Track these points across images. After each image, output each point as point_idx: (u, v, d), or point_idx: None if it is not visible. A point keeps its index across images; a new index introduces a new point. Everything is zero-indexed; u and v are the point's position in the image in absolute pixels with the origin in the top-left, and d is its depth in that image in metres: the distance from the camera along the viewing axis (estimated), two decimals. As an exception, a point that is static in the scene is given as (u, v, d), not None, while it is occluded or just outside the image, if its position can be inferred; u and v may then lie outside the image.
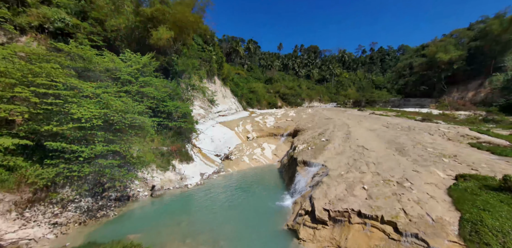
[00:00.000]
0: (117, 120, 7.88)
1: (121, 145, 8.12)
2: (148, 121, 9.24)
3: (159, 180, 11.02)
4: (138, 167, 9.53)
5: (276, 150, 22.79)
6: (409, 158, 9.46)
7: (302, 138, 18.13)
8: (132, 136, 8.94)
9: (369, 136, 15.59)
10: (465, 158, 9.09)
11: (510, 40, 34.73)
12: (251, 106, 48.40)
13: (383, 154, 10.48)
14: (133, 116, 8.26)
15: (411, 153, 10.08)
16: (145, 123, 8.87)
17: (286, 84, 64.88)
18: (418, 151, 10.41)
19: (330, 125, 22.76)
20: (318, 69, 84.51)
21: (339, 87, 72.75)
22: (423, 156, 9.56)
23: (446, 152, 10.18)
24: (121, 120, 7.92)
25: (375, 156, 10.17)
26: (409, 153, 10.10)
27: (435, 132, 15.35)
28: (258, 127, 28.78)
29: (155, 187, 10.27)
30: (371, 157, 10.22)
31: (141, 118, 8.93)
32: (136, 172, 9.96)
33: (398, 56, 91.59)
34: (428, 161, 8.86)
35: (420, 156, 9.61)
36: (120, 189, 8.98)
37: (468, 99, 38.25)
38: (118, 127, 7.88)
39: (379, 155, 10.21)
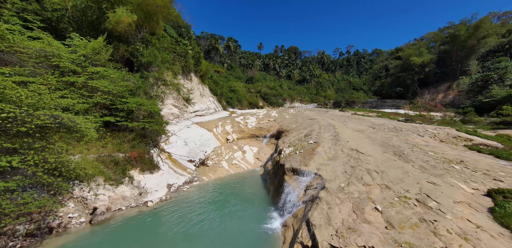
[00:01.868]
0: (21, 118, 5.16)
1: (28, 157, 5.34)
2: (82, 121, 6.59)
3: (107, 198, 8.30)
4: (64, 188, 6.74)
5: (259, 153, 20.85)
6: (414, 164, 8.15)
7: (287, 140, 16.42)
8: (52, 141, 6.18)
9: (359, 138, 14.37)
10: (474, 164, 8.05)
11: (474, 45, 37.25)
12: (231, 106, 46.01)
13: (382, 159, 9.08)
14: (50, 113, 5.59)
15: (413, 158, 8.85)
16: (75, 123, 6.21)
17: (267, 84, 63.56)
18: (420, 155, 9.23)
19: (315, 126, 21.49)
20: (298, 70, 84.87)
21: (319, 88, 73.58)
22: (428, 162, 8.33)
23: (447, 156, 9.14)
24: (24, 119, 5.17)
25: (375, 162, 8.72)
26: (410, 158, 8.85)
27: (424, 133, 14.66)
28: (238, 127, 26.61)
29: (97, 210, 7.55)
30: (370, 163, 8.74)
31: (70, 116, 6.23)
32: (60, 194, 7.07)
33: (372, 59, 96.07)
34: (438, 169, 7.59)
35: (425, 161, 8.37)
36: (35, 218, 6.17)
37: (439, 101, 40.33)
38: (23, 129, 5.15)
39: (379, 161, 8.78)
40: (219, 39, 72.16)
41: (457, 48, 39.04)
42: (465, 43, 37.92)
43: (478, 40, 36.42)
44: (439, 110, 37.16)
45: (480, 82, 35.22)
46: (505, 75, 32.53)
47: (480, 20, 35.54)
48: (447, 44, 41.46)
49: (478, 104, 32.69)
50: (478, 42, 36.47)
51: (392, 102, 46.12)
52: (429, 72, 41.48)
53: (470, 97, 35.48)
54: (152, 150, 13.31)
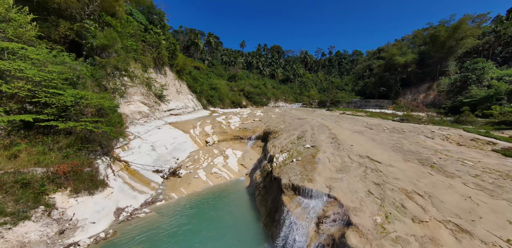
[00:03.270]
0: None
1: None
2: None
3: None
4: None
5: (243, 157, 17.97)
6: (463, 181, 5.93)
7: (278, 143, 13.77)
8: None
9: (363, 141, 12.18)
10: None
11: (453, 46, 38.21)
12: (212, 105, 42.50)
13: (410, 171, 6.80)
14: None
15: (453, 170, 6.69)
16: None
17: (251, 83, 60.86)
18: (458, 166, 7.11)
19: (306, 126, 19.19)
20: (282, 69, 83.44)
21: (302, 88, 72.69)
22: (479, 176, 6.18)
23: (491, 166, 7.14)
24: None
25: (404, 176, 6.39)
26: (449, 170, 6.68)
27: (431, 134, 12.95)
28: (220, 128, 23.46)
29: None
30: (398, 178, 6.40)
31: None
32: None
33: (353, 60, 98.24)
34: (506, 189, 5.40)
35: (475, 176, 6.21)
36: None
37: (420, 101, 40.87)
38: None
39: (408, 174, 6.48)
40: (199, 34, 67.77)
41: (437, 48, 39.83)
42: (444, 44, 38.74)
43: (456, 41, 37.33)
44: (421, 110, 37.37)
45: (459, 82, 35.99)
46: (482, 76, 33.41)
47: (460, 21, 36.37)
48: (426, 44, 42.27)
49: (458, 104, 33.14)
50: (457, 43, 37.39)
51: (375, 102, 46.14)
52: (411, 72, 41.96)
53: (450, 97, 36.10)
54: (99, 160, 9.76)
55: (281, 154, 11.18)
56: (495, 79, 32.05)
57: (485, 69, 33.38)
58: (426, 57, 42.49)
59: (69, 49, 13.69)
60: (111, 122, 11.15)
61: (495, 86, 29.77)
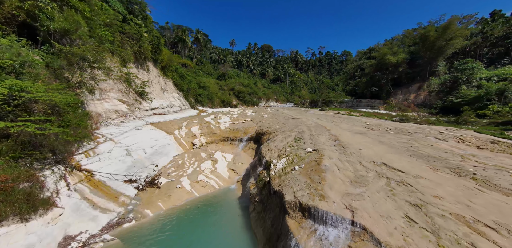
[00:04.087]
0: None
1: None
2: None
3: None
4: None
5: (234, 161, 16.14)
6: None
7: (274, 146, 12.07)
8: None
9: (370, 143, 10.79)
10: None
11: (443, 46, 38.48)
12: (201, 104, 40.20)
13: (449, 185, 5.33)
14: None
15: (505, 183, 5.29)
16: None
17: (241, 82, 58.98)
18: (505, 177, 5.73)
19: (302, 127, 17.69)
20: (272, 68, 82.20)
21: (293, 88, 71.79)
22: None
23: None
24: None
25: (444, 193, 4.91)
26: (499, 183, 5.28)
27: (441, 136, 11.81)
28: (208, 129, 21.48)
29: None
30: (438, 194, 4.90)
31: None
32: None
33: (342, 61, 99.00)
34: None
35: None
36: None
37: (411, 101, 40.91)
38: None
39: (449, 190, 4.99)
40: (186, 30, 64.86)
41: (427, 48, 40.01)
42: (434, 44, 38.93)
43: (446, 42, 37.58)
44: (413, 110, 37.23)
45: (449, 83, 36.18)
46: (472, 76, 33.64)
47: (449, 21, 36.62)
48: (416, 45, 42.45)
49: (449, 104, 33.19)
50: (446, 44, 37.65)
51: (367, 102, 45.84)
52: (401, 72, 41.95)
53: (440, 97, 36.21)
54: (48, 171, 7.57)
55: (279, 159, 9.48)
56: (484, 79, 32.35)
57: (474, 70, 33.63)
58: (416, 57, 42.70)
59: (22, 33, 11.24)
60: (69, 122, 8.93)
61: (485, 86, 29.89)
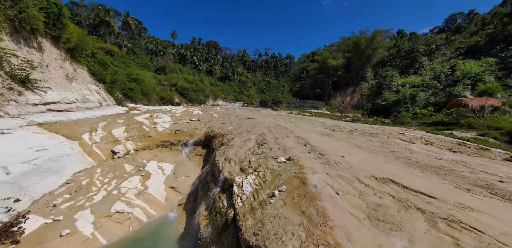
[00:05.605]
0: None
1: None
2: None
3: None
4: None
5: (175, 174, 12.06)
6: None
7: (232, 154, 8.97)
8: None
9: (346, 148, 9.28)
10: None
11: (370, 55, 44.50)
12: (132, 100, 32.48)
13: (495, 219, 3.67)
14: None
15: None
16: None
17: (185, 77, 52.54)
18: None
19: (261, 128, 15.25)
20: (220, 66, 78.10)
21: (242, 87, 69.99)
22: None
23: None
24: None
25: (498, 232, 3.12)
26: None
27: (405, 137, 11.56)
28: (140, 131, 16.28)
29: None
30: None
31: None
32: None
33: (286, 64, 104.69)
34: None
35: None
36: None
37: (347, 103, 45.61)
38: None
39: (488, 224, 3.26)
40: (111, 11, 52.88)
41: (358, 55, 45.47)
42: (364, 52, 44.60)
43: (372, 50, 43.55)
44: (349, 111, 41.35)
45: (375, 88, 41.99)
46: (392, 83, 39.84)
47: (374, 32, 42.44)
48: (350, 51, 47.76)
49: (377, 106, 38.24)
50: (373, 52, 43.65)
51: (311, 103, 48.55)
52: (340, 76, 46.26)
53: (370, 100, 41.54)
54: None
55: (244, 175, 6.45)
56: (400, 85, 38.79)
57: (393, 77, 39.97)
58: (351, 63, 48.06)
59: None
60: None
61: (402, 91, 35.66)
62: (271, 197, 5.17)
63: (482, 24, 49.58)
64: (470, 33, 49.22)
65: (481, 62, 34.40)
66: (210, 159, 11.89)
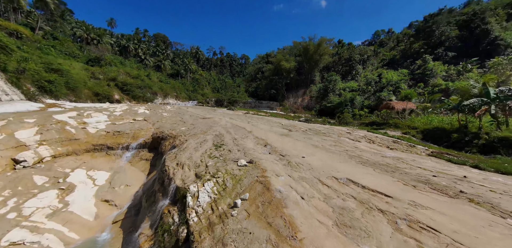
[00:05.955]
0: None
1: None
2: None
3: None
4: None
5: (112, 184, 9.91)
6: None
7: (185, 157, 7.83)
8: None
9: (305, 148, 9.45)
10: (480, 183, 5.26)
11: (317, 60, 48.82)
12: (52, 96, 26.00)
13: (467, 219, 4.01)
14: None
15: (503, 204, 4.61)
16: None
17: (127, 71, 45.92)
18: (478, 190, 5.30)
19: (218, 128, 14.31)
20: (170, 61, 71.83)
21: (196, 85, 66.26)
22: None
23: (435, 171, 6.08)
24: None
25: (487, 240, 3.39)
26: (501, 205, 4.52)
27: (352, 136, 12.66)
28: (63, 133, 12.95)
29: None
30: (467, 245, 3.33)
31: None
32: None
33: (241, 64, 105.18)
34: None
35: None
36: None
37: (299, 104, 48.79)
38: None
39: (489, 235, 3.56)
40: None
41: (308, 60, 49.26)
42: (312, 57, 48.60)
43: (319, 56, 47.89)
44: (301, 112, 44.28)
45: (322, 90, 46.31)
46: (335, 86, 44.65)
47: (320, 39, 46.70)
48: (301, 55, 51.27)
49: (323, 108, 42.18)
50: (320, 58, 48.00)
51: (267, 103, 49.87)
52: (292, 78, 49.08)
53: (318, 102, 45.49)
54: None
55: (200, 182, 5.55)
56: (342, 89, 43.87)
57: (336, 82, 44.88)
58: (301, 66, 51.63)
59: None
60: None
61: (344, 95, 40.37)
62: (233, 207, 4.45)
63: (397, 41, 61.37)
64: (389, 48, 60.04)
65: (398, 72, 42.26)
66: (159, 164, 10.28)
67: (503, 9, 42.75)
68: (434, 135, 15.03)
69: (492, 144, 11.98)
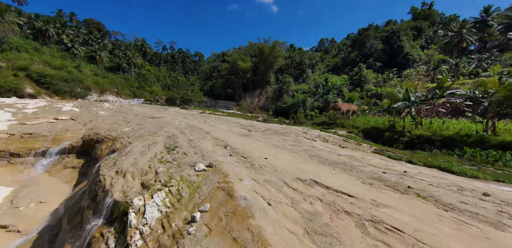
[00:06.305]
0: None
1: None
2: None
3: None
4: None
5: (16, 203, 7.42)
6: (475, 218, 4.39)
7: (128, 164, 6.45)
8: None
9: (267, 149, 9.27)
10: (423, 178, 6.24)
11: (272, 62, 50.50)
12: None
13: (420, 213, 4.31)
14: None
15: (445, 198, 5.14)
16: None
17: (47, 60, 37.03)
18: (420, 184, 5.90)
19: (170, 128, 12.80)
20: (109, 53, 61.83)
21: (142, 82, 59.09)
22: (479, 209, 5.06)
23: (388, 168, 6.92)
24: None
25: (445, 237, 3.67)
26: (443, 199, 5.02)
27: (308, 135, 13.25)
28: None
29: None
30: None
31: None
32: None
33: (195, 61, 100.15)
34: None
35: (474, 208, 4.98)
36: None
37: (256, 104, 49.44)
38: None
39: (446, 232, 3.81)
40: None
41: (263, 61, 50.44)
42: (267, 59, 50.03)
43: (274, 58, 49.70)
44: (258, 113, 44.94)
45: (277, 92, 48.24)
46: (289, 88, 47.17)
47: (274, 42, 48.50)
48: (256, 56, 52.07)
49: (279, 108, 43.94)
50: (274, 60, 49.84)
51: (223, 103, 48.63)
52: (249, 79, 49.34)
53: (273, 103, 47.09)
54: None
55: (148, 193, 4.55)
56: (295, 91, 46.66)
57: (290, 84, 47.47)
58: (258, 67, 52.48)
59: None
60: None
61: (297, 96, 43.00)
62: (190, 222, 3.69)
63: (338, 50, 69.83)
64: (332, 55, 67.67)
65: (341, 77, 47.81)
66: (91, 173, 8.27)
67: (411, 30, 53.81)
68: (372, 133, 17.43)
69: (413, 140, 14.63)
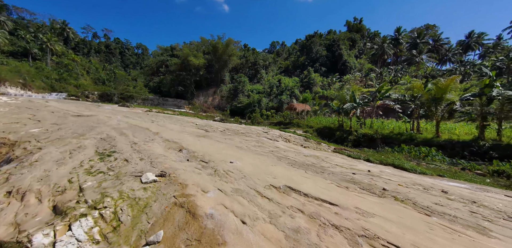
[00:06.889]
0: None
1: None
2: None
3: None
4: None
5: None
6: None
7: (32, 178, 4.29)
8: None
9: (230, 151, 8.29)
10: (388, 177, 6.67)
11: (226, 60, 49.04)
12: None
13: (407, 218, 4.18)
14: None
15: (420, 199, 5.20)
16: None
17: None
18: (390, 185, 5.93)
19: (105, 128, 10.22)
20: (8, 33, 47.46)
21: (65, 73, 47.83)
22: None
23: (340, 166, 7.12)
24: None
25: None
26: (420, 201, 5.07)
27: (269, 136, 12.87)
28: None
29: None
30: None
31: None
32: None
33: (138, 54, 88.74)
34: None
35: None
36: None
37: (210, 104, 46.96)
38: None
39: (440, 243, 3.67)
40: None
41: (217, 59, 48.45)
42: (221, 57, 48.31)
43: (228, 57, 48.41)
44: (212, 112, 42.80)
45: (233, 91, 47.18)
46: (244, 88, 46.83)
47: (227, 40, 47.26)
48: (210, 53, 49.62)
49: (234, 108, 42.98)
50: (229, 58, 48.57)
51: (173, 101, 44.22)
52: (202, 76, 46.44)
53: (229, 102, 45.78)
54: None
55: (63, 222, 2.92)
56: (250, 91, 46.63)
57: (245, 83, 47.19)
58: (211, 65, 50.05)
59: None
60: None
61: (252, 96, 43.02)
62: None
63: (288, 53, 74.26)
64: (284, 58, 71.39)
65: (292, 79, 50.62)
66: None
67: (347, 40, 61.99)
68: (324, 132, 18.67)
69: (359, 139, 16.32)
